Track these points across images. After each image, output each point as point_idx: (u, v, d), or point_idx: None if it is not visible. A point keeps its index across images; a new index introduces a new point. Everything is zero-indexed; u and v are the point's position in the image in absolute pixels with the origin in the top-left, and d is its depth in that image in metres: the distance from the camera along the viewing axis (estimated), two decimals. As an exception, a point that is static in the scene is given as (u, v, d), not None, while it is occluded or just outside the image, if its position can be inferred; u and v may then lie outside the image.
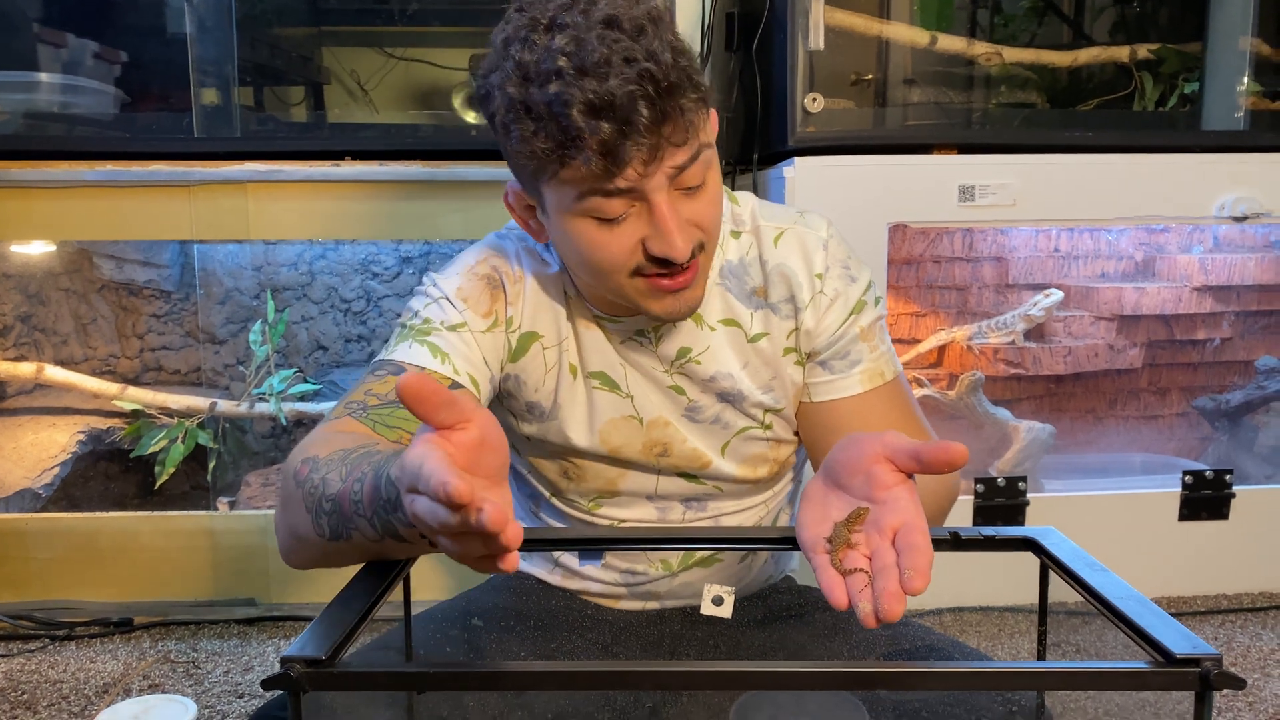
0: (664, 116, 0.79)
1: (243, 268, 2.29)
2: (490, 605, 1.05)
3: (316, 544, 0.78)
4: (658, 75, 0.78)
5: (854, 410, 0.99)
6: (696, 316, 0.98)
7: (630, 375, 1.00)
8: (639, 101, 0.77)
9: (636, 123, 0.78)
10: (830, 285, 0.98)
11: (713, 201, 0.88)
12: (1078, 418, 2.29)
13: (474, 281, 0.98)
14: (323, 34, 2.17)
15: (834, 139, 1.85)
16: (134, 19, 1.98)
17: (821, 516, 0.69)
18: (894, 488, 0.67)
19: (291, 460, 0.82)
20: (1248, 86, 2.00)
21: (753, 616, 1.07)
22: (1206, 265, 2.17)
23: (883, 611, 0.61)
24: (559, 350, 1.00)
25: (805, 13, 1.83)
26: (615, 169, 0.80)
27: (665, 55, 0.79)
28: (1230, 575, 2.02)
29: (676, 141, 0.81)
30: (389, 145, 1.89)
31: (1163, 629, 0.61)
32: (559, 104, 0.78)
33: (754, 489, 1.07)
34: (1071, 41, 2.18)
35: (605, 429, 1.00)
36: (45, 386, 2.16)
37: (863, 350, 0.99)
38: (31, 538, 1.92)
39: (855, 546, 0.67)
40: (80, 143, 1.87)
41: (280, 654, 0.87)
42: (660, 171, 0.82)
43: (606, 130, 0.78)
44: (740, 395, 1.00)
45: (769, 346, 1.00)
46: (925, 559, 0.63)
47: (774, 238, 1.00)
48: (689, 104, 0.81)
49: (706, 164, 0.86)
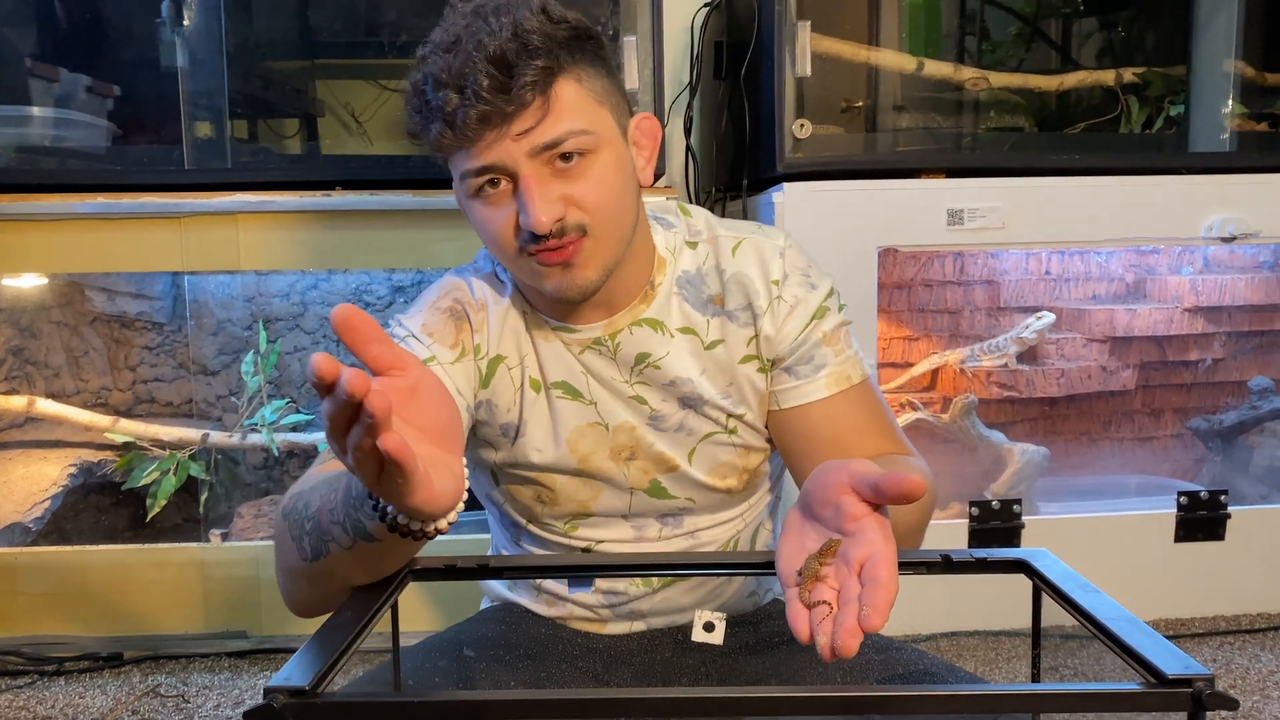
0: (500, 85, 0.85)
1: (234, 299, 2.28)
2: (479, 636, 1.04)
3: (302, 573, 0.78)
4: (492, 48, 0.84)
5: (823, 414, 1.00)
6: (656, 323, 1.00)
7: (592, 383, 1.01)
8: (477, 72, 0.84)
9: (473, 90, 0.84)
10: (789, 292, 1.00)
11: (596, 184, 0.90)
12: (1072, 440, 2.29)
13: (438, 315, 1.00)
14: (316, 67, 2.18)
15: (822, 164, 1.86)
16: (127, 53, 1.99)
17: (798, 549, 0.69)
18: (863, 519, 0.67)
19: (283, 501, 0.84)
20: (1233, 108, 2.01)
21: (744, 642, 1.06)
22: (1197, 286, 2.18)
23: (838, 646, 0.61)
24: (521, 368, 1.01)
25: (792, 40, 1.85)
26: (466, 137, 0.87)
27: (505, 31, 0.85)
28: (1228, 596, 2.01)
29: (519, 106, 0.86)
30: (381, 175, 1.90)
31: (1154, 649, 0.60)
32: (421, 83, 0.88)
33: (728, 500, 1.07)
34: (1058, 66, 2.19)
35: (572, 437, 1.01)
36: (36, 420, 2.15)
37: (827, 354, 1.00)
38: (21, 572, 1.90)
39: (824, 579, 0.66)
40: (72, 175, 1.87)
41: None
42: (510, 139, 0.87)
43: (452, 99, 0.85)
44: (700, 399, 1.01)
45: (725, 353, 1.01)
46: (885, 594, 0.62)
47: (731, 247, 1.02)
48: (530, 72, 0.85)
49: (584, 147, 0.89)
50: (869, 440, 0.99)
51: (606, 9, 1.85)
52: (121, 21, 1.96)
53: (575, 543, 1.07)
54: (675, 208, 1.07)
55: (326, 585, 0.79)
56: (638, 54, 1.83)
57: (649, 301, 1.00)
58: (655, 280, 1.01)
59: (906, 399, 2.16)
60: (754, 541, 1.12)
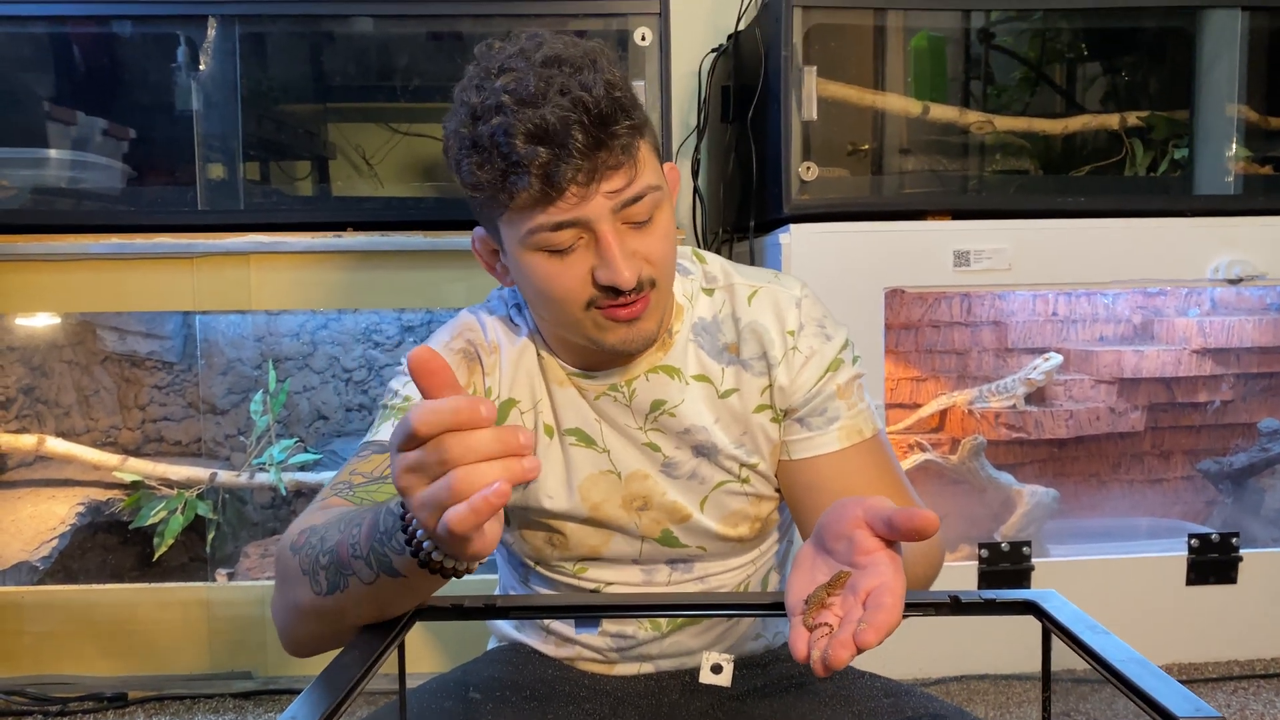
0: (598, 142, 0.84)
1: (244, 338, 2.30)
2: (486, 677, 1.04)
3: (311, 608, 0.78)
4: (589, 104, 0.83)
5: (833, 468, 0.99)
6: (673, 370, 1.00)
7: (606, 431, 1.01)
8: (573, 127, 0.83)
9: (571, 146, 0.83)
10: (804, 342, 1.00)
11: (663, 238, 0.91)
12: (1081, 481, 2.28)
13: (449, 356, 1.00)
14: (328, 110, 2.21)
15: (828, 206, 1.88)
16: (143, 97, 2.02)
17: (808, 581, 0.70)
18: (875, 553, 0.68)
19: (286, 537, 0.84)
20: (1237, 151, 2.03)
21: (752, 685, 1.05)
22: (1205, 328, 2.18)
23: (829, 657, 0.62)
24: (535, 413, 1.01)
25: (799, 85, 1.87)
26: (554, 193, 0.84)
27: (598, 88, 0.84)
28: (1241, 641, 1.99)
29: (612, 165, 0.85)
30: (392, 216, 1.92)
31: (1165, 691, 0.60)
32: (500, 134, 0.84)
33: (738, 548, 1.06)
34: (1063, 110, 2.21)
35: (584, 485, 1.01)
36: (46, 458, 2.16)
37: (840, 408, 1.00)
38: (27, 611, 1.90)
39: (829, 607, 0.67)
40: (87, 216, 1.90)
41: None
42: (599, 195, 0.86)
43: (544, 154, 0.83)
44: (715, 448, 1.00)
45: (739, 403, 1.01)
46: (885, 617, 0.63)
47: (748, 296, 1.02)
48: (622, 130, 0.85)
49: (655, 204, 0.90)
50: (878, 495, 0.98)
51: (614, 53, 1.88)
52: (138, 66, 2.00)
53: (584, 584, 1.06)
54: (690, 253, 1.07)
55: (336, 622, 0.79)
56: (645, 98, 1.85)
57: (666, 349, 1.01)
58: (673, 328, 1.01)
59: (915, 440, 2.16)
60: (764, 587, 1.11)
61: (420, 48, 2.05)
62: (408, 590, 0.74)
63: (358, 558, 0.74)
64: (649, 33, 1.86)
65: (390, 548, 0.71)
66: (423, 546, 0.68)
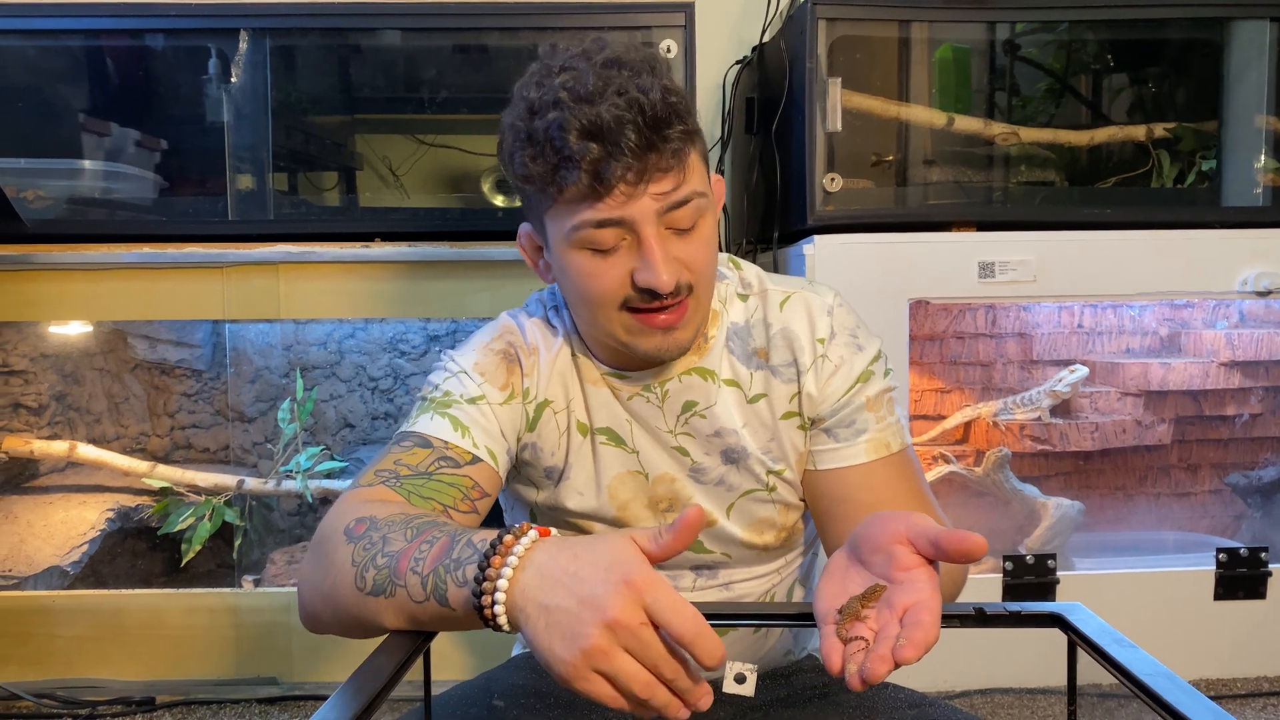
0: (650, 144, 0.85)
1: (273, 346, 2.32)
2: (510, 684, 1.04)
3: (348, 599, 0.77)
4: (645, 105, 0.85)
5: (858, 480, 0.99)
6: (707, 372, 1.00)
7: (636, 431, 1.02)
8: (626, 126, 0.84)
9: (623, 145, 0.84)
10: (835, 352, 1.00)
11: (704, 245, 0.92)
12: (1107, 494, 2.26)
13: (490, 357, 1.01)
14: (356, 122, 2.23)
15: (853, 217, 1.88)
16: (175, 109, 2.05)
17: (840, 590, 0.70)
18: (914, 569, 0.68)
19: (339, 518, 0.82)
20: (1265, 163, 2.01)
21: (776, 696, 1.05)
22: (1233, 340, 2.16)
23: (866, 671, 0.62)
24: (568, 412, 1.02)
25: (823, 96, 1.87)
26: (602, 189, 0.85)
27: (655, 92, 0.85)
28: (1271, 657, 1.96)
29: (662, 168, 0.86)
30: (419, 227, 1.94)
31: (1193, 707, 0.60)
32: (555, 128, 0.85)
33: (764, 556, 1.06)
34: (1088, 121, 2.20)
35: (612, 484, 1.02)
36: (77, 465, 2.19)
37: (869, 420, 1.00)
38: (57, 615, 1.92)
39: (864, 620, 0.67)
40: (119, 226, 1.92)
41: (301, 731, 0.86)
42: (646, 195, 0.86)
43: (595, 150, 0.84)
44: (744, 452, 1.01)
45: (767, 409, 1.01)
46: (924, 635, 0.63)
47: (780, 301, 1.02)
48: (675, 135, 0.86)
49: (699, 211, 0.90)
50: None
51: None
52: (170, 79, 2.03)
53: None
54: (727, 259, 1.07)
55: (363, 619, 0.78)
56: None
57: (702, 353, 1.01)
58: (709, 333, 1.02)
59: (939, 452, 2.15)
60: (789, 598, 1.11)
61: (447, 60, 2.07)
62: (447, 620, 0.73)
63: (416, 573, 0.73)
64: (674, 45, 1.87)
65: (454, 578, 0.71)
66: (493, 599, 0.68)
